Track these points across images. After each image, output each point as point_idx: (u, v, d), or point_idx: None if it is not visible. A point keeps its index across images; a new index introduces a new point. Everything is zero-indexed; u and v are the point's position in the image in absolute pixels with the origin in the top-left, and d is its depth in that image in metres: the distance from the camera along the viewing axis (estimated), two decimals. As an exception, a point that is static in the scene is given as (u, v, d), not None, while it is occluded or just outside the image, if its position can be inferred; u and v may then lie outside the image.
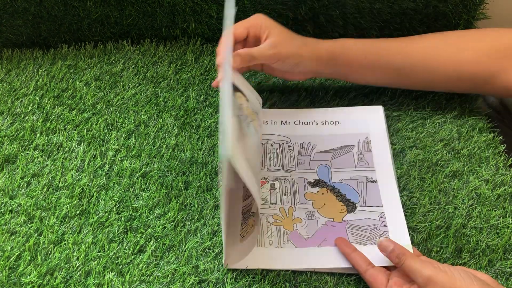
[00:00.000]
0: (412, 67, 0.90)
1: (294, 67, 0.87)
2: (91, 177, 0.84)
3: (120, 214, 0.80)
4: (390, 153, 0.87)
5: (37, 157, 0.85)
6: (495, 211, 0.81)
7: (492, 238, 0.78)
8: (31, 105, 0.92)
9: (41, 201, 0.80)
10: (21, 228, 0.77)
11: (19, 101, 0.93)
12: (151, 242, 0.77)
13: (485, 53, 0.87)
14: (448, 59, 0.88)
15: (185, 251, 0.76)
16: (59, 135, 0.89)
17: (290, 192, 0.84)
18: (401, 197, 0.82)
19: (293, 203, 0.82)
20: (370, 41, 0.92)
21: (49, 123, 0.90)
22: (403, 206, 0.81)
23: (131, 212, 0.80)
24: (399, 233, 0.78)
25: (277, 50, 0.84)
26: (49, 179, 0.83)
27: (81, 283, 0.72)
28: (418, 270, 0.68)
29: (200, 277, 0.74)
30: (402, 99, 0.97)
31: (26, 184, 0.82)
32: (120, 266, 0.74)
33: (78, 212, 0.79)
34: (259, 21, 0.86)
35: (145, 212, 0.80)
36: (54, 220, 0.78)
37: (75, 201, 0.80)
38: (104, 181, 0.83)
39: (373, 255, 0.75)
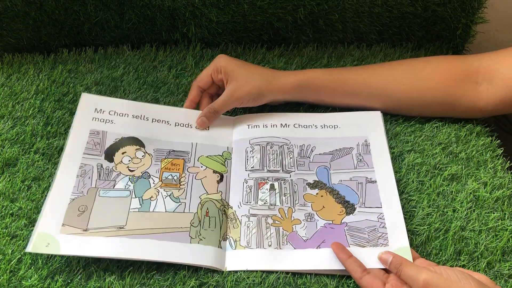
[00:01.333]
0: (378, 96, 0.93)
1: (257, 102, 0.93)
2: (92, 180, 0.84)
3: (120, 217, 0.80)
4: (389, 155, 0.88)
5: (38, 161, 0.86)
6: (493, 213, 0.81)
7: (490, 241, 0.78)
8: (31, 109, 0.93)
9: (42, 204, 0.79)
10: (22, 232, 0.77)
11: (19, 105, 0.93)
12: (152, 245, 0.77)
13: (447, 79, 0.91)
14: (411, 86, 0.92)
15: (185, 254, 0.76)
16: (60, 139, 0.89)
17: (289, 193, 0.84)
18: (400, 200, 0.82)
19: (292, 204, 0.83)
20: (336, 71, 0.96)
21: (49, 127, 0.90)
22: (402, 208, 0.81)
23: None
24: (397, 235, 0.78)
25: (235, 96, 0.91)
26: (49, 182, 0.83)
27: (81, 286, 0.72)
28: (414, 276, 0.68)
29: (200, 280, 0.74)
30: (401, 103, 0.98)
31: (26, 188, 0.82)
32: (121, 269, 0.74)
33: (78, 215, 0.80)
34: (218, 66, 0.92)
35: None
36: (55, 223, 0.78)
37: (76, 205, 0.81)
38: (105, 184, 0.84)
39: (372, 257, 0.75)
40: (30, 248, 0.72)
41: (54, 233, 0.74)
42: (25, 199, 0.81)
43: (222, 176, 0.86)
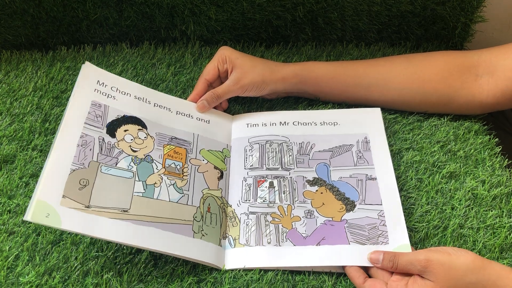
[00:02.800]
0: (378, 86, 0.93)
1: (260, 92, 0.93)
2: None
3: (118, 214, 0.80)
4: (389, 153, 0.87)
5: (36, 157, 0.86)
6: (491, 211, 0.82)
7: (489, 238, 0.78)
8: (30, 105, 0.93)
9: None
10: (20, 228, 0.77)
11: (18, 102, 0.93)
12: (149, 242, 0.77)
13: (447, 70, 0.91)
14: (412, 77, 0.92)
15: (183, 251, 0.76)
16: (58, 136, 0.89)
17: (288, 191, 0.84)
18: (399, 197, 0.82)
19: (291, 201, 0.83)
20: (337, 63, 0.97)
21: (47, 124, 0.90)
22: (401, 205, 0.81)
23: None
24: (397, 233, 0.77)
25: (240, 83, 0.91)
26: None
27: (79, 283, 0.72)
28: (414, 258, 0.70)
29: (198, 277, 0.74)
30: (400, 101, 0.98)
31: (24, 184, 0.82)
32: (118, 266, 0.74)
33: (76, 212, 0.79)
34: (223, 56, 0.93)
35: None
36: (53, 220, 0.78)
37: (74, 201, 0.81)
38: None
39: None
40: (29, 217, 0.67)
41: (54, 204, 0.70)
42: (23, 196, 0.81)
43: (222, 173, 0.86)
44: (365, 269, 0.75)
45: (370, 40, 1.12)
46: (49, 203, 0.70)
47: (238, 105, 0.97)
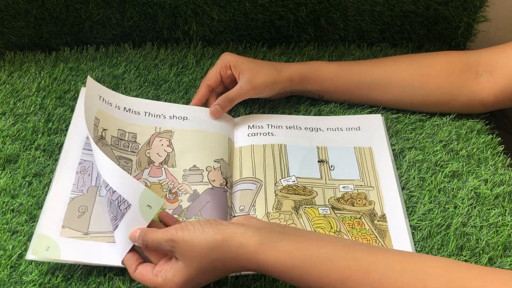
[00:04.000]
0: (380, 84, 0.94)
1: (271, 92, 0.94)
2: (93, 176, 0.84)
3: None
4: None
5: (39, 157, 0.86)
6: (494, 210, 0.81)
7: (492, 236, 0.78)
8: (33, 106, 0.93)
9: (43, 200, 0.79)
10: (23, 227, 0.77)
11: (21, 102, 0.93)
12: (152, 241, 0.77)
13: (448, 68, 0.92)
14: (414, 74, 0.93)
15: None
16: (61, 136, 0.89)
17: None
18: (401, 195, 0.83)
19: None
20: (341, 62, 0.98)
21: (50, 124, 0.91)
22: (403, 204, 0.81)
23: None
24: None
25: (252, 85, 0.91)
26: (50, 178, 0.83)
27: (82, 281, 0.72)
28: (161, 237, 0.65)
29: (200, 276, 0.74)
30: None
31: (27, 184, 0.82)
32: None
33: (79, 211, 0.79)
34: (226, 62, 0.93)
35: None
36: (56, 219, 0.78)
37: (77, 201, 0.81)
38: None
39: None
40: (30, 253, 0.70)
41: (53, 236, 0.72)
42: (26, 195, 0.81)
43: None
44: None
45: (373, 40, 1.12)
46: (49, 236, 0.72)
47: (241, 106, 0.97)
